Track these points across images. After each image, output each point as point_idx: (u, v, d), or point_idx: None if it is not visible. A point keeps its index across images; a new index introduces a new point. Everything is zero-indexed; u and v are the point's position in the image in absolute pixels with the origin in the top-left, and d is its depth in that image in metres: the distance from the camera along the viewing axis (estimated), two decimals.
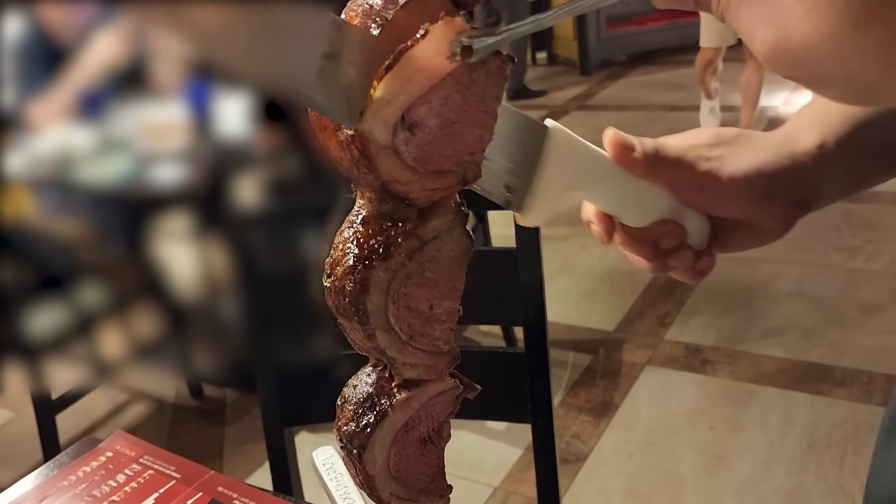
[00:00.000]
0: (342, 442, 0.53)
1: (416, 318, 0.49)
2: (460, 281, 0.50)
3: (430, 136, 0.42)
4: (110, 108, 1.94)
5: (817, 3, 0.29)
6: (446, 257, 0.48)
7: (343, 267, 0.48)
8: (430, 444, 0.55)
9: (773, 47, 0.31)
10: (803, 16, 0.30)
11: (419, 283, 0.48)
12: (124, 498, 0.83)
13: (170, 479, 0.85)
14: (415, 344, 0.50)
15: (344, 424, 0.53)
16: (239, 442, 2.14)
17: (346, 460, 0.54)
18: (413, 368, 0.51)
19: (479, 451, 2.04)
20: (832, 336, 2.42)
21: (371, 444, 0.51)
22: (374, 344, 0.49)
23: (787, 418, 2.10)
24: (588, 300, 2.79)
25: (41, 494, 0.85)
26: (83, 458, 0.90)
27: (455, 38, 0.38)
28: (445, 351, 0.51)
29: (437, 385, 0.52)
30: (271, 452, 1.10)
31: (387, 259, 0.46)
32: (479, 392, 0.54)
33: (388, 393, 0.52)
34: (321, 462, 0.79)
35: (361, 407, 0.52)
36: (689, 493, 1.88)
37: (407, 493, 0.55)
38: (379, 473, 0.53)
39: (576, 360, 2.42)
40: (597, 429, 2.11)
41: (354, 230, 0.48)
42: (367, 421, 0.51)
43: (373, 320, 0.48)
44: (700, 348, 2.43)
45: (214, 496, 0.82)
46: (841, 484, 1.85)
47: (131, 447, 0.91)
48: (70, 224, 1.97)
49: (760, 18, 0.31)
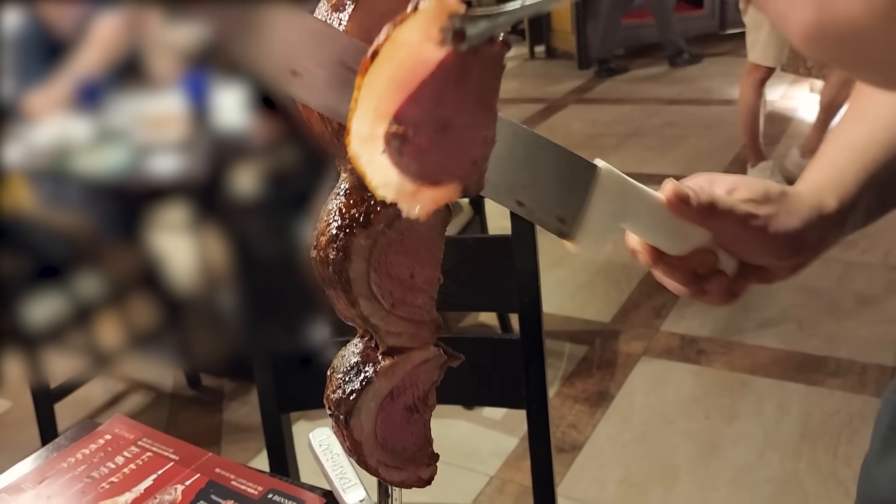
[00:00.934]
0: (330, 409, 0.54)
1: (397, 286, 0.50)
2: (439, 249, 0.51)
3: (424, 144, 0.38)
4: (108, 99, 1.94)
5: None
6: (425, 226, 0.50)
7: (326, 236, 0.49)
8: (415, 413, 0.56)
9: (814, 27, 0.30)
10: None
11: (399, 251, 0.49)
12: (123, 479, 0.84)
13: (168, 460, 0.86)
14: (397, 312, 0.51)
15: (332, 392, 0.54)
16: (236, 431, 2.16)
17: (334, 428, 0.55)
18: (396, 336, 0.52)
19: (475, 441, 2.05)
20: (827, 327, 2.43)
21: (357, 410, 0.53)
22: (358, 312, 0.50)
23: (781, 408, 2.11)
24: (584, 292, 2.81)
25: (40, 476, 0.86)
26: (82, 441, 0.91)
27: (447, 21, 0.35)
28: (428, 320, 0.53)
29: (421, 353, 0.54)
30: (268, 436, 1.11)
31: (367, 227, 0.48)
32: (462, 361, 0.55)
33: (373, 361, 0.53)
34: (318, 443, 0.80)
35: (348, 375, 0.54)
36: (684, 480, 1.89)
37: (394, 460, 0.56)
38: (366, 440, 0.54)
39: (572, 351, 2.43)
40: (592, 418, 2.12)
41: (337, 201, 0.49)
42: (353, 388, 0.53)
43: (355, 288, 0.49)
44: (695, 339, 2.44)
45: (212, 477, 0.83)
46: (834, 472, 1.86)
47: (130, 430, 0.92)
48: (68, 214, 1.98)
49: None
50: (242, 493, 0.79)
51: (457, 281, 1.13)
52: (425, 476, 0.57)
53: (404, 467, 0.57)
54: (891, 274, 2.69)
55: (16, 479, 0.85)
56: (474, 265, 1.09)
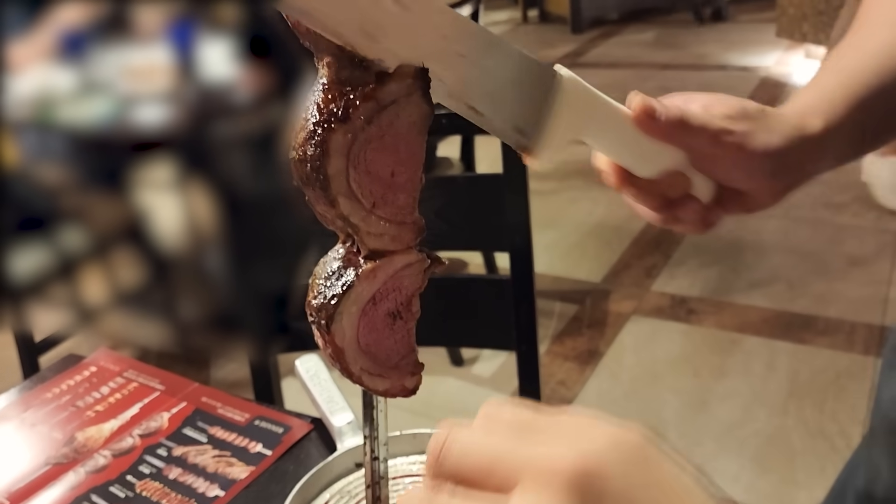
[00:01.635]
0: (311, 315, 0.53)
1: (377, 184, 0.49)
2: (420, 148, 0.49)
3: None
4: (92, 50, 1.91)
5: None
6: (405, 123, 0.48)
7: (304, 132, 0.48)
8: (399, 320, 0.55)
9: None
10: None
11: (379, 147, 0.48)
12: (108, 408, 0.83)
13: (154, 390, 0.86)
14: (378, 212, 0.50)
15: (313, 298, 0.53)
16: (224, 386, 2.14)
17: (316, 335, 0.54)
18: (378, 238, 0.51)
19: (463, 397, 2.05)
20: (817, 287, 2.44)
21: (338, 315, 0.51)
22: (338, 211, 0.49)
23: (769, 366, 2.12)
24: (576, 252, 2.80)
25: (24, 406, 0.85)
26: (67, 373, 0.90)
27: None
28: (409, 221, 0.51)
29: (404, 257, 0.52)
30: (254, 369, 1.10)
31: (346, 122, 0.46)
32: (445, 266, 0.54)
33: (354, 265, 0.52)
34: (305, 369, 0.80)
35: (329, 280, 0.52)
36: (672, 435, 1.90)
37: (377, 368, 0.55)
38: (348, 347, 0.53)
39: (562, 310, 2.43)
40: (582, 375, 2.13)
41: (315, 97, 0.48)
42: (334, 292, 0.51)
43: (334, 185, 0.48)
44: (686, 299, 2.44)
45: (198, 406, 0.82)
46: (821, 427, 1.87)
47: (115, 362, 0.91)
48: (51, 166, 1.95)
49: None
50: (229, 420, 0.79)
51: (447, 220, 1.11)
52: (410, 385, 0.56)
53: (388, 375, 0.56)
54: (881, 236, 2.69)
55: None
56: (465, 204, 1.07)
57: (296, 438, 0.74)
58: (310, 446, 0.74)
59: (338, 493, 0.65)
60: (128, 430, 0.79)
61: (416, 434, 0.69)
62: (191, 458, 0.74)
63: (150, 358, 2.32)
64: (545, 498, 0.27)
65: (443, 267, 0.54)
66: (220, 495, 0.69)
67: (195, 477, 0.71)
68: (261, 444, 0.74)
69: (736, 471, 1.77)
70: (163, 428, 0.79)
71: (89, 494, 0.71)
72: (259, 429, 0.76)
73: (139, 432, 0.78)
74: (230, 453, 0.74)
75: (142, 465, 0.74)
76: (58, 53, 1.91)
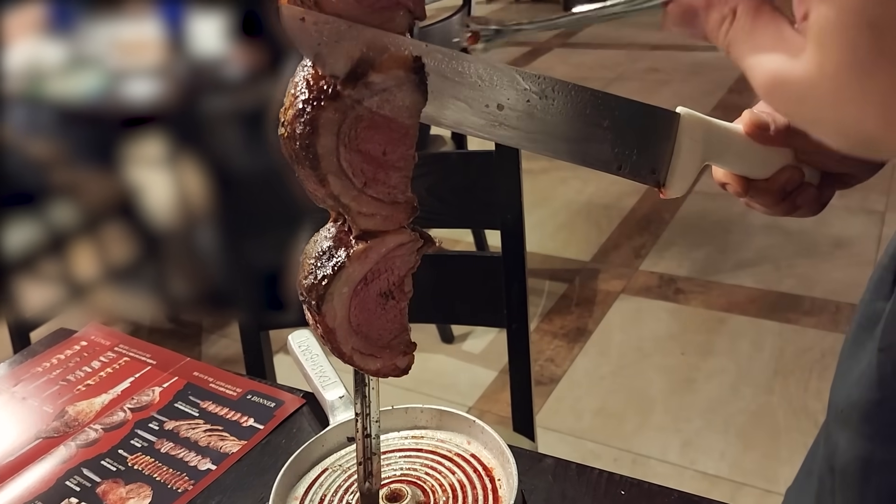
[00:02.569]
0: (302, 295, 0.54)
1: (369, 163, 0.49)
2: (413, 127, 0.49)
3: None
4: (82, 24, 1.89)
5: (824, 39, 0.28)
6: (397, 105, 0.48)
7: (293, 110, 0.47)
8: (391, 300, 0.55)
9: (772, 81, 0.31)
10: (809, 52, 0.29)
11: (370, 126, 0.48)
12: (99, 382, 0.84)
13: (145, 364, 0.86)
14: (369, 192, 0.50)
15: (304, 278, 0.53)
16: (215, 362, 2.15)
17: (307, 315, 0.54)
18: (369, 218, 0.51)
19: (454, 373, 2.07)
20: (803, 268, 2.46)
21: (329, 295, 0.52)
22: (328, 191, 0.49)
23: (755, 344, 2.14)
24: (565, 232, 2.81)
25: (14, 379, 0.86)
26: (57, 347, 0.91)
27: None
28: (402, 200, 0.52)
29: (396, 237, 0.53)
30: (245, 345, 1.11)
31: (336, 99, 0.46)
32: (439, 246, 0.55)
33: (346, 245, 0.52)
34: (297, 344, 0.80)
35: (320, 260, 0.53)
36: (658, 411, 1.92)
37: (369, 347, 0.56)
38: (339, 326, 0.54)
39: (551, 289, 2.45)
40: (570, 353, 2.15)
41: (304, 73, 0.47)
42: (325, 273, 0.52)
43: (324, 164, 0.48)
44: (674, 278, 2.46)
45: (190, 380, 0.83)
46: (805, 405, 1.90)
47: (106, 337, 0.92)
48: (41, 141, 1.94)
49: (765, 51, 0.31)
50: (221, 394, 0.79)
51: (439, 197, 1.12)
52: (402, 365, 0.57)
53: (380, 355, 0.56)
54: (867, 217, 2.71)
55: None
56: (456, 181, 1.07)
57: (287, 413, 0.75)
58: (302, 421, 0.75)
59: (330, 467, 0.66)
60: (119, 404, 0.80)
61: (408, 409, 0.70)
62: (182, 431, 0.75)
63: (140, 333, 2.32)
64: None
65: (435, 247, 0.55)
66: (212, 468, 0.70)
67: (187, 451, 0.72)
68: (252, 418, 0.75)
69: (722, 447, 1.79)
70: (154, 402, 0.80)
71: (80, 468, 0.72)
72: (251, 403, 0.77)
73: (130, 406, 0.79)
74: (222, 427, 0.74)
75: (133, 438, 0.75)
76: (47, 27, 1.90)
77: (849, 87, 0.28)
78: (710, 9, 0.33)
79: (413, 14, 0.47)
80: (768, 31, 0.31)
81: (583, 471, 0.67)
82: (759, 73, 0.31)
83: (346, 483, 0.65)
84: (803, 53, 0.29)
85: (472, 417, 0.69)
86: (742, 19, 0.32)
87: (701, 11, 0.34)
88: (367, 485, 0.59)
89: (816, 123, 0.32)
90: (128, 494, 0.67)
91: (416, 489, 0.63)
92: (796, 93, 0.30)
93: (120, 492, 0.68)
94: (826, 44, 0.28)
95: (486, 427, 0.68)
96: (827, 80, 0.29)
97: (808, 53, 0.29)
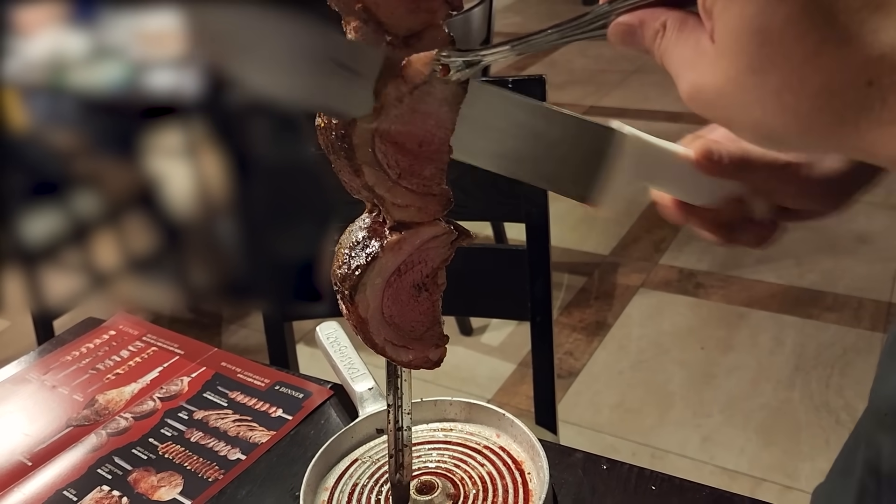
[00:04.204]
0: (336, 285, 0.54)
1: (404, 154, 0.49)
2: (451, 120, 0.49)
3: None
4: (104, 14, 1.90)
5: (724, 48, 0.31)
6: (436, 99, 0.48)
7: None
8: (424, 291, 0.55)
9: (690, 89, 0.33)
10: (714, 60, 0.32)
11: (407, 119, 0.47)
12: (128, 371, 0.84)
13: (173, 354, 0.87)
14: (404, 183, 0.50)
15: (337, 268, 0.53)
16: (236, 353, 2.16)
17: (340, 305, 0.54)
18: (403, 210, 0.51)
19: (472, 366, 2.07)
20: (825, 263, 2.44)
21: (362, 285, 0.52)
22: (363, 181, 0.49)
23: (776, 340, 2.13)
24: (585, 225, 2.80)
25: (44, 368, 0.86)
26: (86, 336, 0.91)
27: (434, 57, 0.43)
28: (437, 192, 0.51)
29: (430, 229, 0.53)
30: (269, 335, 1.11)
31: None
32: (473, 240, 0.55)
33: (379, 235, 0.52)
34: (325, 336, 0.80)
35: (354, 250, 0.53)
36: (678, 406, 1.91)
37: (401, 339, 0.56)
38: (372, 317, 0.54)
39: (570, 282, 2.44)
40: (589, 346, 2.14)
41: None
42: (359, 263, 0.52)
43: (359, 154, 0.47)
44: (694, 273, 2.45)
45: (218, 370, 0.83)
46: (826, 401, 1.88)
47: (134, 326, 0.92)
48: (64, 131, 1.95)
49: (685, 61, 0.34)
50: (249, 384, 0.80)
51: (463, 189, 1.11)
52: (434, 357, 0.57)
53: (412, 347, 0.56)
54: (891, 213, 2.68)
55: (20, 371, 0.86)
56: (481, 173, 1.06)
57: (316, 404, 0.75)
58: (329, 412, 0.75)
59: (360, 458, 0.66)
60: (148, 394, 0.80)
61: (437, 401, 0.70)
62: (212, 421, 0.75)
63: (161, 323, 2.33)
64: None
65: (470, 240, 0.55)
66: (241, 458, 0.70)
67: (216, 440, 0.73)
68: (281, 409, 0.75)
69: (742, 443, 1.78)
70: (183, 392, 0.80)
71: (111, 456, 0.72)
72: (279, 394, 0.78)
73: (159, 396, 0.80)
74: (251, 418, 0.75)
75: (163, 427, 0.75)
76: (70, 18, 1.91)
77: (749, 89, 0.31)
78: (643, 26, 0.36)
79: (450, 4, 0.46)
80: (689, 42, 0.33)
81: (612, 466, 0.67)
82: (681, 82, 0.34)
83: (376, 474, 0.65)
84: (710, 63, 0.32)
85: (502, 410, 0.69)
86: (669, 32, 0.35)
87: (637, 29, 0.36)
88: (398, 476, 0.59)
89: (732, 124, 0.34)
90: (159, 482, 0.68)
91: (446, 481, 0.63)
92: (710, 98, 0.33)
93: (151, 480, 0.68)
94: (726, 51, 0.31)
95: (515, 420, 0.67)
96: (731, 83, 0.31)
97: (716, 62, 0.32)
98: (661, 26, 0.35)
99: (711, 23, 0.32)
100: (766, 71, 0.30)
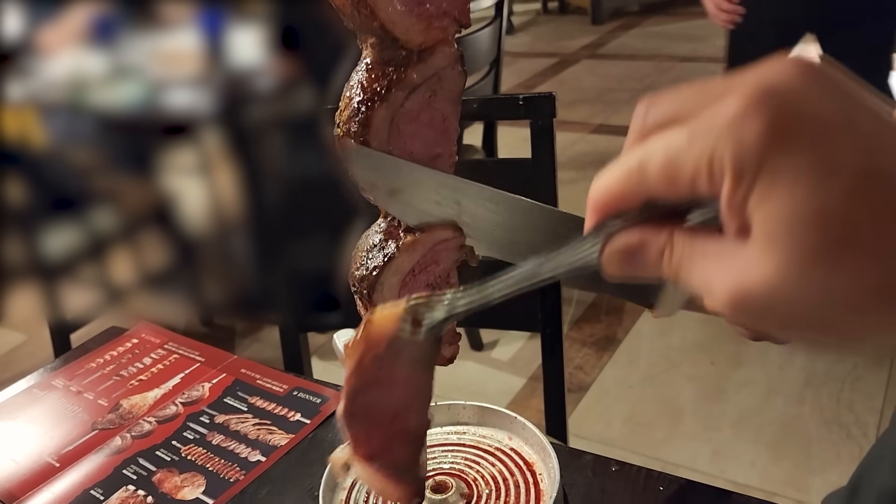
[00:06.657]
0: (354, 286, 0.56)
1: (416, 160, 0.52)
2: (455, 118, 0.53)
3: None
4: (122, 34, 1.95)
5: (771, 240, 0.27)
6: (443, 95, 0.51)
7: (349, 110, 0.51)
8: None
9: (736, 295, 0.28)
10: (759, 256, 0.27)
11: (416, 122, 0.51)
12: (151, 378, 0.87)
13: (194, 361, 0.89)
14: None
15: (355, 269, 0.56)
16: None
17: (358, 305, 0.57)
18: None
19: (483, 380, 2.09)
20: None
21: (380, 285, 0.55)
22: None
23: (786, 355, 2.13)
24: None
25: (69, 374, 0.89)
26: (110, 344, 0.94)
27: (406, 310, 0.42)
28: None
29: (442, 231, 0.55)
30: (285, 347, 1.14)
31: (387, 99, 0.49)
32: None
33: (395, 237, 0.55)
34: (342, 343, 0.83)
35: (371, 252, 0.55)
36: (688, 421, 1.92)
37: None
38: None
39: (580, 297, 2.46)
40: (599, 361, 2.15)
41: (359, 77, 0.51)
42: (376, 263, 0.54)
43: None
44: None
45: (238, 377, 0.86)
46: (837, 416, 1.89)
47: (156, 335, 0.95)
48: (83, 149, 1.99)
49: (717, 269, 0.29)
50: (268, 390, 0.82)
51: None
52: (448, 354, 0.59)
53: None
54: None
55: (45, 378, 0.88)
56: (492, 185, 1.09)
57: (332, 409, 0.78)
58: None
59: None
60: (171, 399, 0.82)
61: (451, 405, 0.72)
62: (232, 425, 0.77)
63: None
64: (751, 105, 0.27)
65: None
66: (261, 460, 0.72)
67: (237, 443, 0.75)
68: (299, 413, 0.78)
69: (752, 457, 1.79)
70: (204, 397, 0.82)
71: (136, 458, 0.75)
72: (297, 399, 0.80)
73: (182, 401, 0.82)
74: (270, 422, 0.77)
75: (186, 431, 0.77)
76: (89, 38, 1.95)
77: (814, 282, 0.27)
78: (645, 246, 0.32)
79: (459, 22, 0.50)
80: (709, 248, 0.30)
81: (622, 467, 0.69)
82: (718, 292, 0.29)
83: None
84: (756, 260, 0.28)
85: (514, 414, 0.71)
86: (680, 244, 0.31)
87: (638, 252, 0.32)
88: None
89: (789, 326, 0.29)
90: (182, 483, 0.70)
91: (459, 482, 0.65)
92: (762, 300, 0.28)
93: (175, 480, 0.71)
94: (781, 242, 0.27)
95: (527, 423, 0.69)
96: (790, 278, 0.27)
97: (764, 257, 0.27)
98: (668, 241, 0.31)
99: (739, 220, 0.28)
100: (839, 260, 0.26)
